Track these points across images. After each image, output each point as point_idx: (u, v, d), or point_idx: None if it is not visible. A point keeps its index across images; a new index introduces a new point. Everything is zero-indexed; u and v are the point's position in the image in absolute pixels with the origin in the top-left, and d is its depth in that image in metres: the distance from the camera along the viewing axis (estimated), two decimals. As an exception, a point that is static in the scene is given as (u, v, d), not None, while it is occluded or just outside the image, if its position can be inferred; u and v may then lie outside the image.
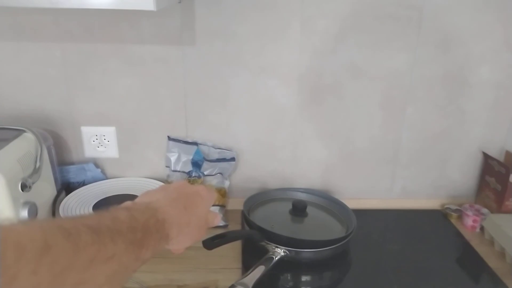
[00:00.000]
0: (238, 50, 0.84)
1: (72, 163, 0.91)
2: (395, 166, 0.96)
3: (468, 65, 0.87)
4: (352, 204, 0.87)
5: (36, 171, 0.73)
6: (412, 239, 0.87)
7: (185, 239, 0.46)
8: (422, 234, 0.89)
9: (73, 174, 0.89)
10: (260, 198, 0.89)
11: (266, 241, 0.74)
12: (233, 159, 0.90)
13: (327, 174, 0.96)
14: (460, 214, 0.92)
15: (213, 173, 0.90)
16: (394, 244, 0.85)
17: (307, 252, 0.74)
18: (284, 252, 0.73)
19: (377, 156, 0.95)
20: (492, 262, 0.79)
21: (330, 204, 0.89)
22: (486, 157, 0.93)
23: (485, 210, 0.91)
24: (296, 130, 0.92)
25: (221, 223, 0.86)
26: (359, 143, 0.94)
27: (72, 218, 0.36)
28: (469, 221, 0.89)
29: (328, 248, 0.74)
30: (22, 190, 0.68)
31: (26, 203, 0.69)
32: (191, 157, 0.90)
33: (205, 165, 0.90)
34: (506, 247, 0.79)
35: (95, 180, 0.90)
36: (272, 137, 0.92)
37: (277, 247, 0.73)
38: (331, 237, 0.75)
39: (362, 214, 0.85)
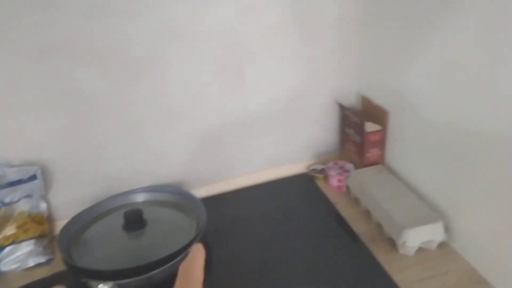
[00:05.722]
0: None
1: None
2: (250, 137, 0.83)
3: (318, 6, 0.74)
4: (215, 189, 0.77)
5: None
6: (278, 214, 0.77)
7: None
8: (288, 206, 0.79)
9: None
10: (88, 215, 0.71)
11: (88, 279, 0.58)
12: (34, 177, 0.68)
13: (179, 165, 0.81)
14: (326, 175, 0.84)
15: (16, 199, 0.68)
16: (259, 225, 0.75)
17: (143, 279, 0.59)
18: (112, 287, 0.58)
19: (228, 130, 0.81)
20: (358, 225, 0.72)
21: (179, 198, 0.74)
22: (342, 108, 0.84)
23: (349, 166, 0.83)
24: (117, 121, 0.72)
25: (43, 259, 0.67)
26: (203, 120, 0.78)
27: None
28: (334, 181, 0.81)
29: (168, 264, 0.59)
30: None
31: None
32: (-25, 187, 0.67)
33: (3, 191, 0.68)
34: (370, 207, 0.72)
35: None
36: (86, 135, 0.72)
37: (103, 283, 0.57)
38: (172, 250, 0.61)
39: (223, 198, 0.76)
